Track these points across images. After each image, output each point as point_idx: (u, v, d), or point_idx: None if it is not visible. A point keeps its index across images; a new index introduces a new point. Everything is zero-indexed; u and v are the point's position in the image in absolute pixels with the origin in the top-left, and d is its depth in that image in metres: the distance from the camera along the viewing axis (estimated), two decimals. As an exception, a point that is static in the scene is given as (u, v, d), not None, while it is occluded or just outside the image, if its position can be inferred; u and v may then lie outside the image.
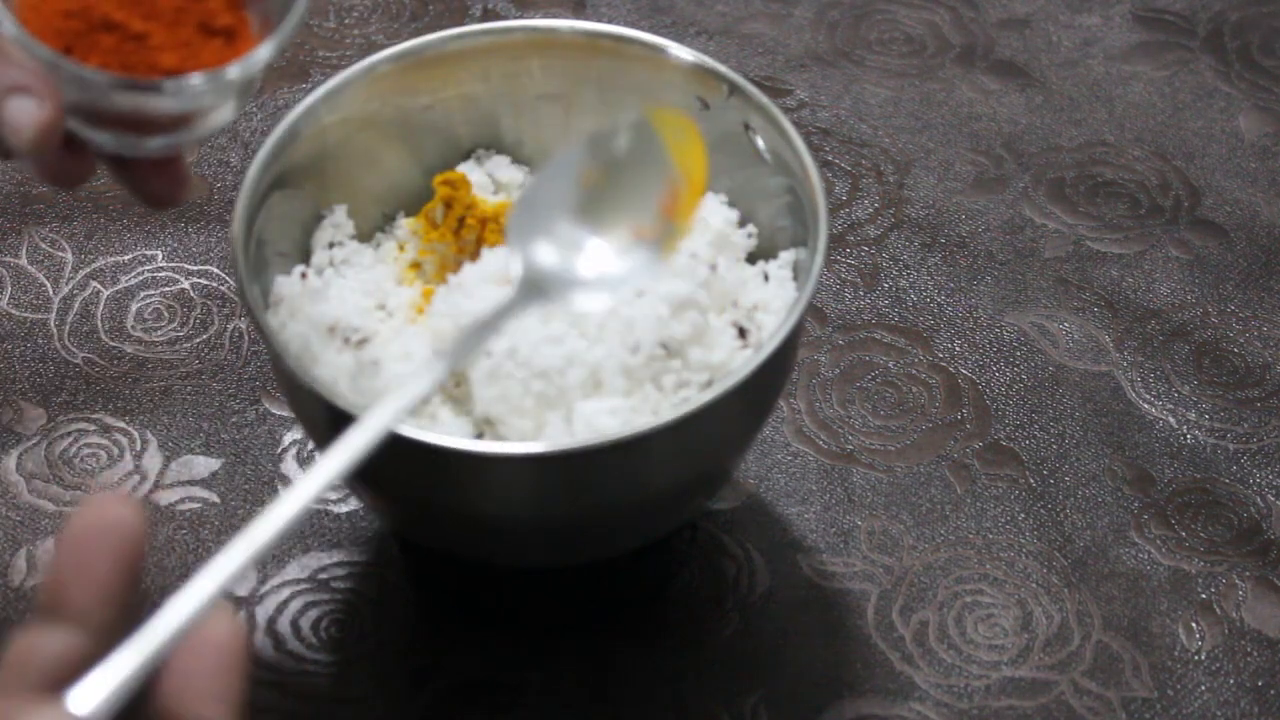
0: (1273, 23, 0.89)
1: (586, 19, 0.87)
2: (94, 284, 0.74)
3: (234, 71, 0.53)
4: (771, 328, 0.59)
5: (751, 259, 0.63)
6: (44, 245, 0.76)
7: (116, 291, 0.74)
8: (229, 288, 0.75)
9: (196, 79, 0.53)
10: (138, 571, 0.42)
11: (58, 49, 0.52)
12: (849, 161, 0.81)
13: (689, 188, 0.55)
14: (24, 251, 0.76)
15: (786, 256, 0.62)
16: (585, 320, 0.57)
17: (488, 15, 0.88)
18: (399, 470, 0.56)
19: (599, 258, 0.54)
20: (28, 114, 0.51)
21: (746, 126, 0.62)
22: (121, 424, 0.70)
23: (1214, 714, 0.62)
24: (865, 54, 0.87)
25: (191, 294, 0.74)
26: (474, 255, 0.61)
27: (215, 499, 0.67)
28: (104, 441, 0.69)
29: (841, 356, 0.73)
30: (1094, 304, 0.75)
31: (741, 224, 0.63)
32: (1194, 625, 0.65)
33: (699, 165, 0.55)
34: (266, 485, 0.68)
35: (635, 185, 0.55)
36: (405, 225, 0.64)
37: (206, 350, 0.72)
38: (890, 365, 0.73)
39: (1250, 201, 0.80)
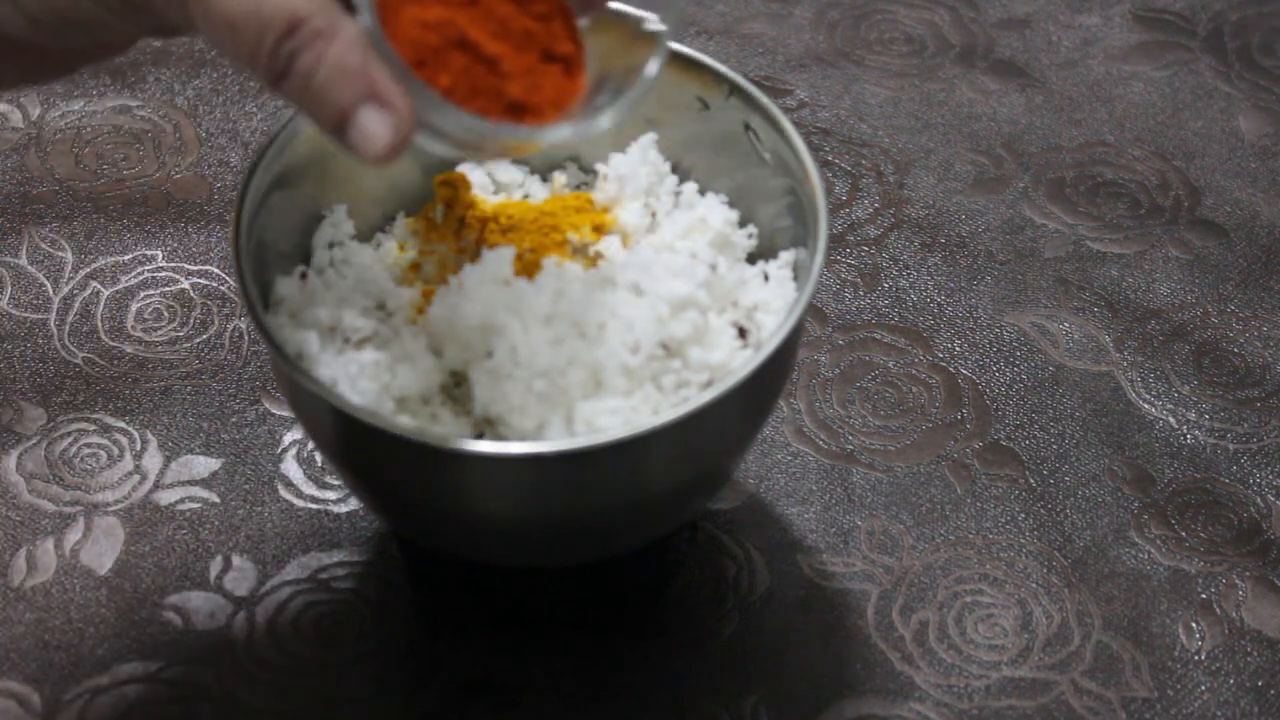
0: (1273, 23, 0.89)
1: (586, 19, 0.87)
2: (94, 284, 0.75)
3: (604, 122, 0.52)
4: (771, 328, 0.59)
5: (751, 259, 0.63)
6: (44, 245, 0.76)
7: (116, 291, 0.74)
8: (229, 288, 0.75)
9: (564, 131, 0.51)
10: None
11: (410, 60, 0.50)
12: (849, 161, 0.81)
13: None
14: (24, 251, 0.76)
15: (786, 256, 0.62)
16: (586, 321, 0.57)
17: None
18: (399, 470, 0.56)
19: None
20: (383, 130, 0.49)
21: (746, 126, 0.62)
22: (121, 424, 0.70)
23: (1214, 714, 0.63)
24: (865, 54, 0.87)
25: (191, 294, 0.74)
26: (474, 255, 0.61)
27: (215, 499, 0.67)
28: (104, 441, 0.69)
29: (841, 356, 0.73)
30: (1094, 304, 0.75)
31: (742, 224, 0.63)
32: (1194, 625, 0.65)
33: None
34: (266, 485, 0.68)
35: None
36: (405, 225, 0.64)
37: (206, 350, 0.72)
38: (890, 365, 0.73)
39: (1250, 201, 0.80)
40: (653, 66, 0.53)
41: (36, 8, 0.50)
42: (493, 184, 0.65)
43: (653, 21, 0.54)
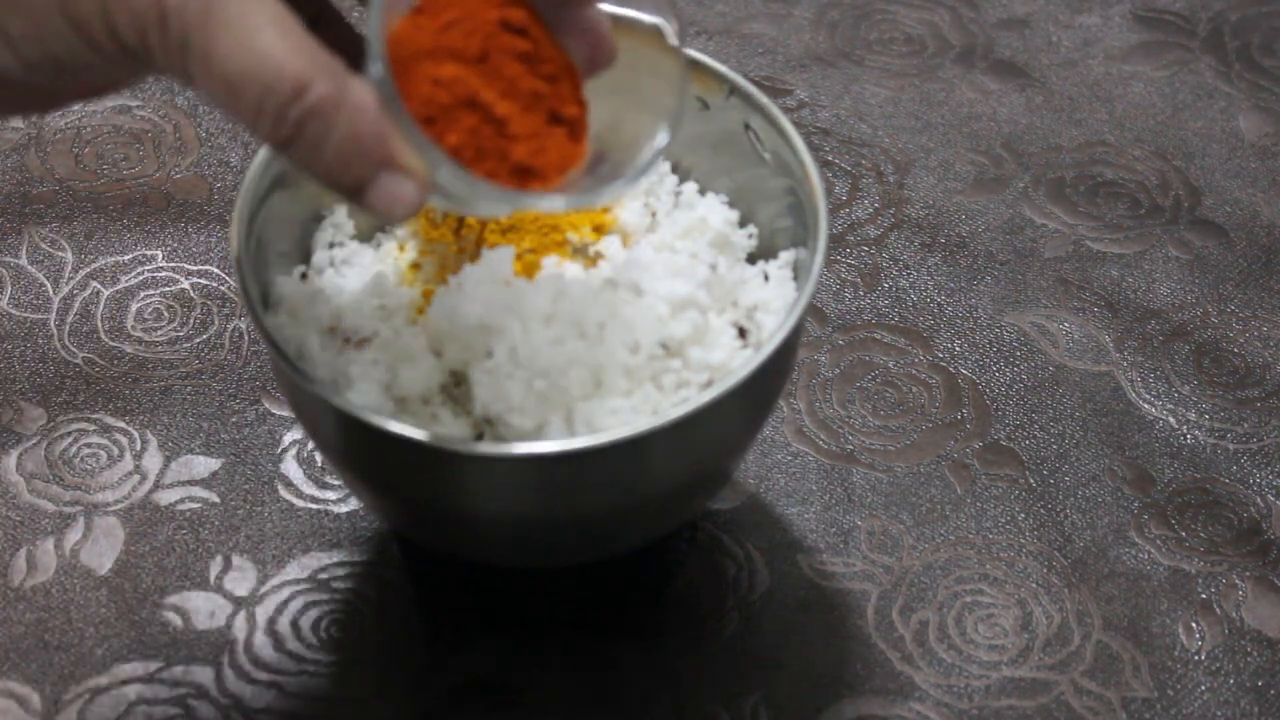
0: (1273, 23, 0.89)
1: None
2: (94, 284, 0.75)
3: (604, 198, 0.52)
4: (771, 328, 0.59)
5: (751, 259, 0.63)
6: (44, 245, 0.76)
7: (116, 291, 0.74)
8: (229, 288, 0.75)
9: (564, 201, 0.51)
10: None
11: (419, 116, 0.49)
12: (849, 161, 0.81)
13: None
14: (24, 251, 0.76)
15: (786, 256, 0.62)
16: (586, 321, 0.57)
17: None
18: (399, 470, 0.56)
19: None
20: (405, 193, 0.48)
21: (746, 126, 0.62)
22: (121, 424, 0.70)
23: (1214, 714, 0.63)
24: (865, 54, 0.87)
25: (191, 294, 0.74)
26: (474, 255, 0.61)
27: (215, 499, 0.67)
28: (104, 441, 0.69)
29: (841, 356, 0.73)
30: (1094, 304, 0.75)
31: (742, 224, 0.63)
32: (1194, 625, 0.65)
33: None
34: (266, 485, 0.68)
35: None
36: (405, 225, 0.64)
37: (206, 350, 0.72)
38: (890, 365, 0.73)
39: (1250, 201, 0.80)
40: (662, 137, 0.52)
41: (31, 51, 0.48)
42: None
43: (668, 34, 0.54)
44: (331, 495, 0.68)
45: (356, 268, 0.62)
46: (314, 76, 0.46)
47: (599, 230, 0.62)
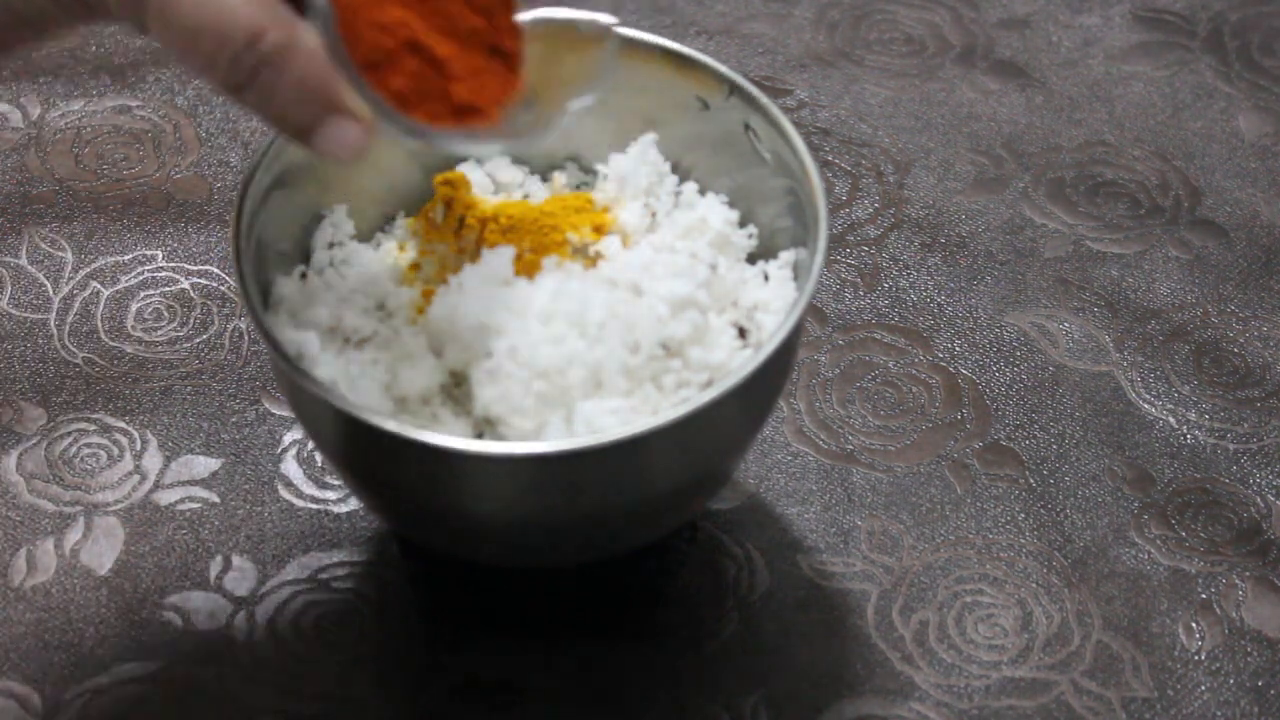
0: (1273, 23, 0.89)
1: (586, 19, 0.87)
2: (94, 284, 0.75)
3: (536, 138, 0.55)
4: (771, 328, 0.59)
5: (751, 259, 0.63)
6: (44, 245, 0.76)
7: (116, 291, 0.74)
8: (229, 288, 0.75)
9: (494, 147, 0.54)
10: None
11: (364, 62, 0.52)
12: (849, 161, 0.81)
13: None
14: (24, 251, 0.76)
15: (786, 256, 0.62)
16: (586, 321, 0.57)
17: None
18: (399, 470, 0.56)
19: None
20: (348, 140, 0.51)
21: (746, 126, 0.62)
22: (121, 424, 0.70)
23: (1214, 714, 0.63)
24: (865, 54, 0.87)
25: (191, 294, 0.74)
26: (474, 255, 0.61)
27: (215, 499, 0.67)
28: (104, 441, 0.69)
29: (841, 356, 0.73)
30: (1094, 304, 0.75)
31: (742, 224, 0.63)
32: (1194, 625, 0.65)
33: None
34: (266, 485, 0.68)
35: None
36: (405, 225, 0.64)
37: (206, 350, 0.72)
38: (890, 365, 0.73)
39: (1250, 201, 0.80)
40: (610, 55, 0.55)
41: None
42: (493, 184, 0.65)
43: (593, 21, 0.56)
44: (331, 495, 0.68)
45: (356, 268, 0.62)
46: (267, 25, 0.49)
47: (599, 230, 0.62)
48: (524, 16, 0.56)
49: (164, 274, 0.75)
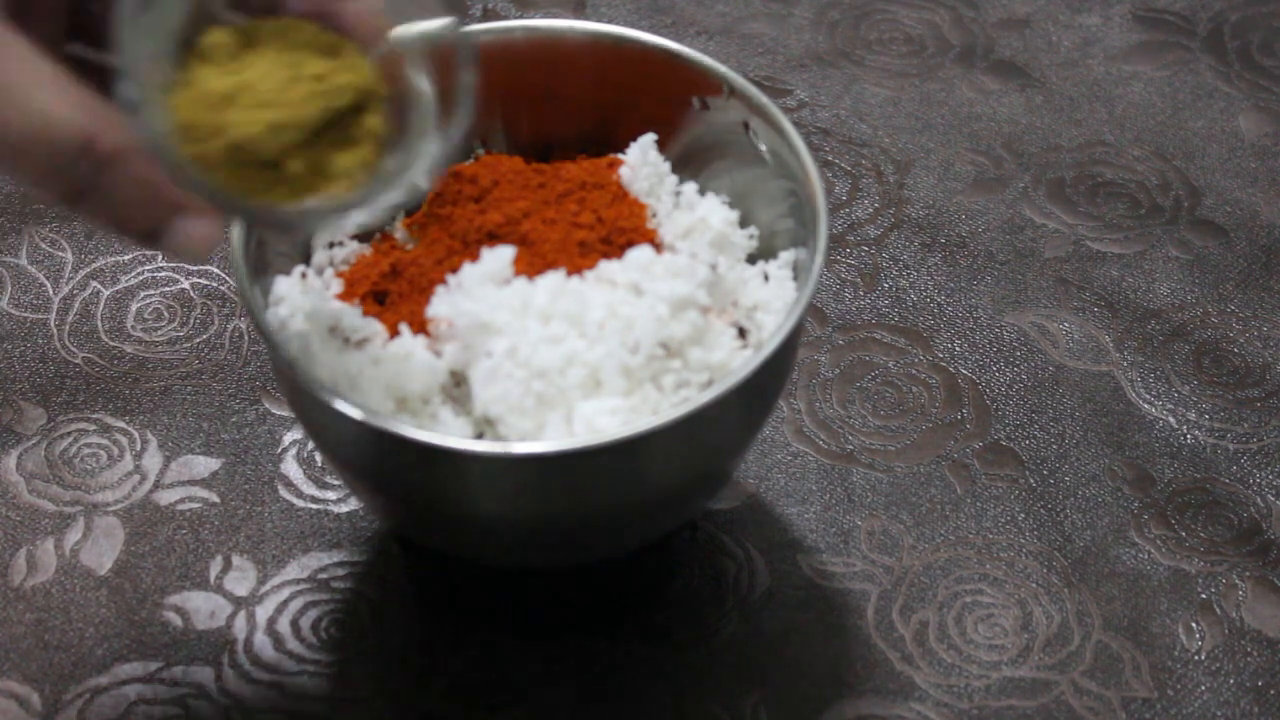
0: (1273, 23, 0.89)
1: (586, 19, 0.87)
2: (94, 284, 0.75)
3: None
4: (771, 328, 0.59)
5: (751, 259, 0.63)
6: (44, 245, 0.76)
7: (116, 291, 0.74)
8: (229, 288, 0.75)
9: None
10: None
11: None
12: (849, 161, 0.81)
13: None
14: (24, 251, 0.76)
15: (786, 256, 0.62)
16: (586, 321, 0.57)
17: (488, 15, 0.88)
18: (399, 470, 0.56)
19: None
20: (199, 233, 0.50)
21: (746, 127, 0.62)
22: (121, 424, 0.70)
23: (1214, 714, 0.63)
24: (865, 54, 0.87)
25: (191, 294, 0.74)
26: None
27: (215, 499, 0.67)
28: (104, 441, 0.69)
29: (841, 356, 0.73)
30: (1094, 304, 0.75)
31: (742, 224, 0.63)
32: (1194, 625, 0.65)
33: None
34: (266, 485, 0.68)
35: None
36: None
37: (206, 350, 0.72)
38: (890, 365, 0.73)
39: (1250, 201, 0.80)
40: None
41: None
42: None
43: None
44: (331, 495, 0.68)
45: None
46: (97, 130, 0.47)
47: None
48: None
49: (164, 274, 0.75)
